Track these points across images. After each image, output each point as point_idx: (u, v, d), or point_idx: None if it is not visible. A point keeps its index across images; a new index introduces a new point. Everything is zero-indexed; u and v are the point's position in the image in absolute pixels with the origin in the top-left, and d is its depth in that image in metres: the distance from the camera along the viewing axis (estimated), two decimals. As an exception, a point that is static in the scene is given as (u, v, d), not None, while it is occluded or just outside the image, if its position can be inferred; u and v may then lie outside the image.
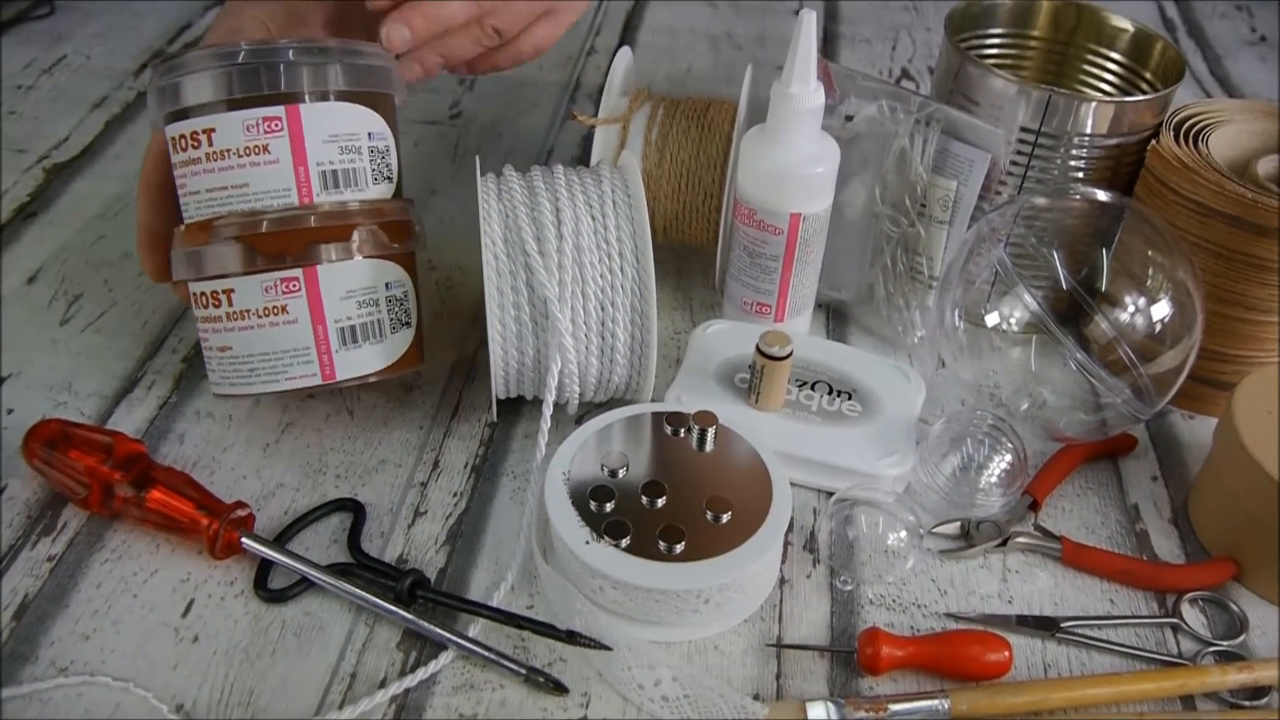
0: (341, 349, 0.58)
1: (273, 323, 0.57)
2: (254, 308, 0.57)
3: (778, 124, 0.64)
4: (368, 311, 0.59)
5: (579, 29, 1.14)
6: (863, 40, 1.15)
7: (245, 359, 0.58)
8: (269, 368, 0.58)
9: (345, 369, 0.59)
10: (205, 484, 0.60)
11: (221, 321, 0.58)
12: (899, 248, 0.70)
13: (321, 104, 0.56)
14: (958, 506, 0.61)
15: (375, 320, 0.59)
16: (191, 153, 0.56)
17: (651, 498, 0.55)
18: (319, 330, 0.58)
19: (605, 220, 0.60)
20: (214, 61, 0.55)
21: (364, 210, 0.58)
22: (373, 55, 0.59)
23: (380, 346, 0.60)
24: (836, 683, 0.54)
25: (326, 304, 0.58)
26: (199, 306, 0.59)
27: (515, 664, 0.52)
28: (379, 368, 0.60)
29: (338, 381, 0.59)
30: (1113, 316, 0.63)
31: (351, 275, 0.58)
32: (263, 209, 0.56)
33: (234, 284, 0.57)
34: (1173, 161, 0.65)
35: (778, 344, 0.61)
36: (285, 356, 0.58)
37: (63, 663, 0.53)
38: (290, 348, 0.58)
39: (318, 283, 0.57)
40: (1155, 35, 0.74)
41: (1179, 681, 0.53)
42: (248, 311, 0.57)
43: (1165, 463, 0.67)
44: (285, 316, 0.57)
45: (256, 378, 0.59)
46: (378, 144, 0.59)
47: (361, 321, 0.59)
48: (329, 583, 0.55)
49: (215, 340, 0.59)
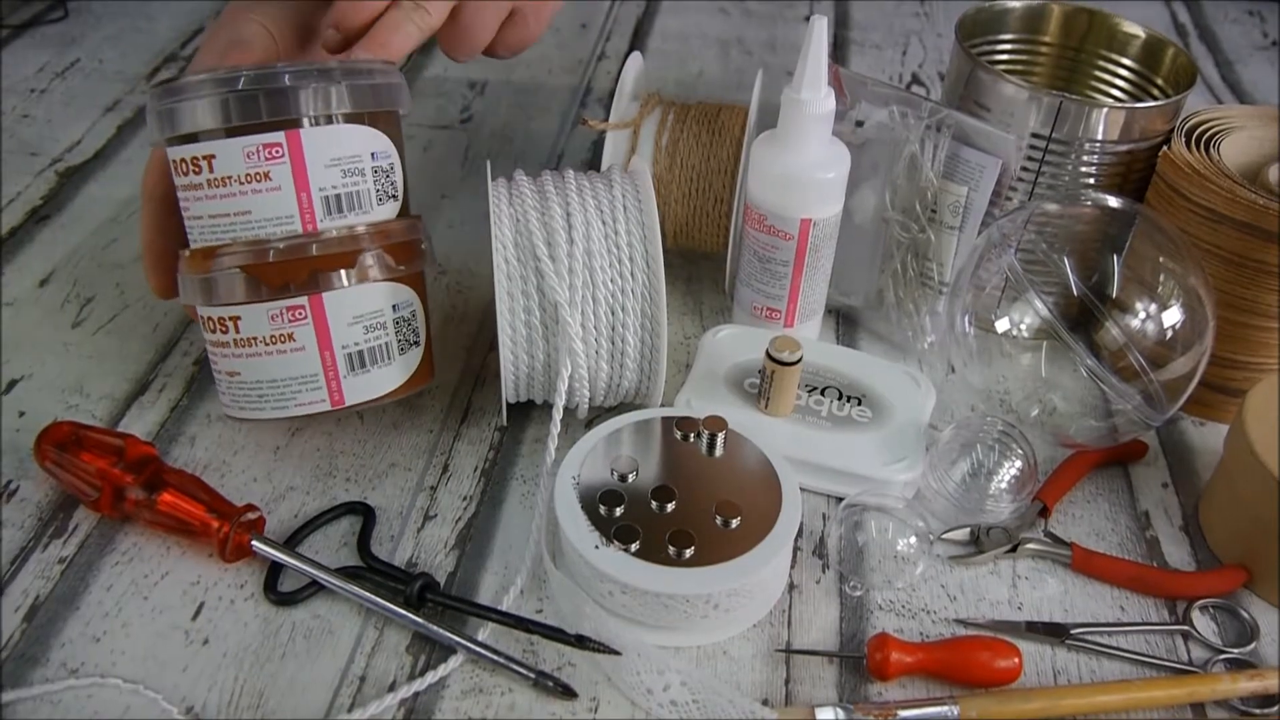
0: (350, 375, 0.59)
1: (280, 350, 0.57)
2: (261, 335, 0.57)
3: (789, 129, 0.64)
4: (375, 335, 0.59)
5: (589, 34, 1.15)
6: (873, 46, 1.15)
7: (254, 385, 0.59)
8: (278, 394, 0.58)
9: (354, 394, 0.59)
10: (216, 487, 0.61)
11: (229, 347, 0.58)
12: (909, 253, 0.70)
13: (323, 128, 0.55)
14: (967, 512, 0.61)
15: (383, 344, 0.59)
16: (193, 178, 0.56)
17: (661, 502, 0.55)
18: (326, 357, 0.58)
19: (616, 225, 0.60)
20: (213, 88, 0.54)
21: (370, 234, 0.57)
22: (376, 73, 0.58)
23: (389, 369, 0.60)
24: (845, 688, 0.53)
25: (334, 331, 0.57)
26: (207, 330, 0.59)
27: (524, 668, 0.52)
28: (387, 390, 0.60)
29: (346, 407, 0.59)
30: (1123, 322, 0.63)
31: (358, 300, 0.58)
32: (266, 237, 0.56)
33: (240, 311, 0.57)
34: (1184, 168, 0.65)
35: (788, 349, 0.61)
36: (294, 383, 0.58)
37: (73, 664, 0.53)
38: (298, 375, 0.58)
39: (324, 310, 0.57)
40: (1167, 41, 0.74)
41: (1189, 689, 0.53)
42: (255, 339, 0.57)
43: (1176, 469, 0.67)
44: (292, 344, 0.57)
45: (266, 403, 0.59)
46: (381, 163, 0.58)
47: (369, 346, 0.59)
48: (339, 586, 0.55)
49: (224, 365, 0.59)
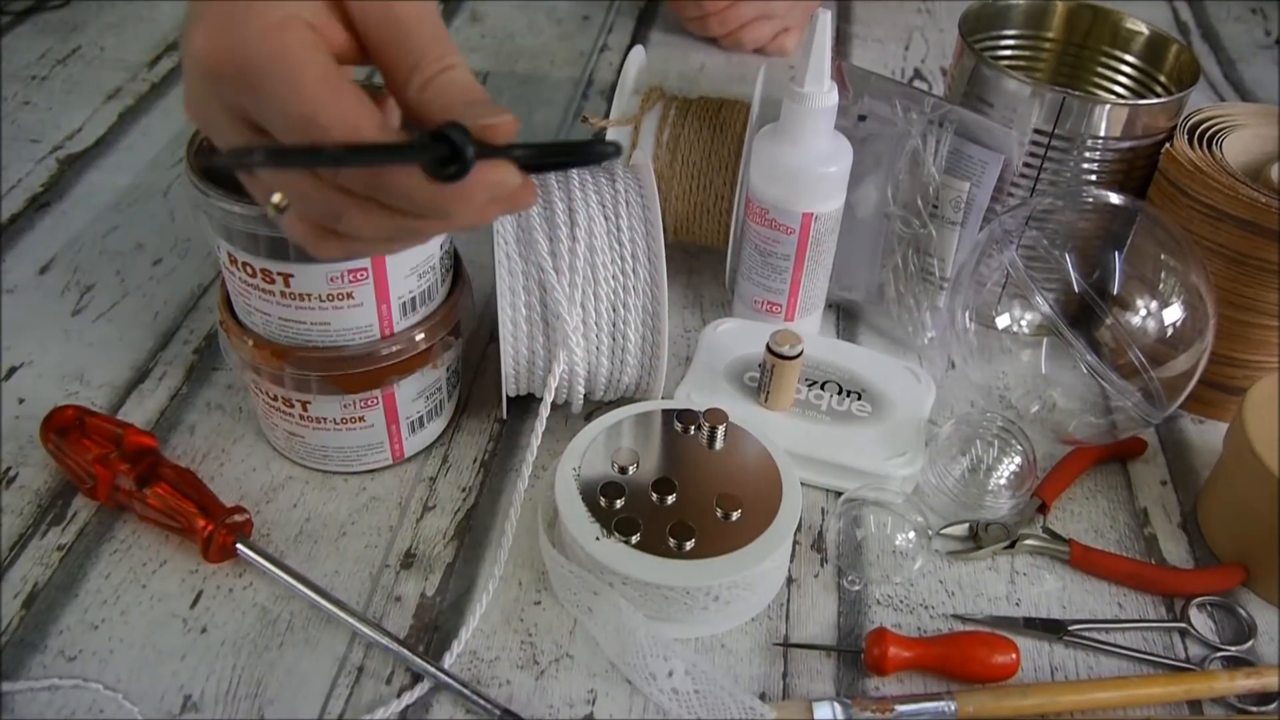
0: (410, 436, 0.62)
1: (350, 429, 0.60)
2: (331, 417, 0.59)
3: (791, 123, 0.64)
4: (434, 399, 0.62)
5: (591, 26, 1.14)
6: (875, 41, 1.15)
7: (319, 448, 0.61)
8: (343, 457, 0.61)
9: (413, 447, 0.63)
10: (214, 476, 0.61)
11: (294, 420, 0.59)
12: (910, 248, 0.70)
13: None
14: (966, 508, 0.61)
15: (439, 403, 0.63)
16: (262, 282, 0.54)
17: (661, 495, 0.55)
18: (393, 430, 0.61)
19: (619, 220, 0.60)
20: None
21: (438, 323, 0.58)
22: None
23: (441, 418, 0.64)
24: (843, 683, 0.54)
25: (401, 410, 0.60)
26: (267, 398, 0.59)
27: (490, 704, 0.51)
28: (440, 433, 0.65)
29: (406, 459, 0.63)
30: (1124, 320, 0.63)
31: (424, 381, 0.60)
32: (344, 345, 0.56)
33: (310, 398, 0.58)
34: (1186, 165, 0.65)
35: (788, 343, 0.61)
36: (359, 450, 0.61)
37: (71, 652, 0.53)
38: (365, 444, 0.61)
39: (394, 399, 0.60)
40: (1170, 38, 0.73)
41: (1186, 686, 0.53)
42: (324, 419, 0.59)
43: (1175, 467, 0.67)
44: (362, 425, 0.60)
45: (329, 462, 0.62)
46: (444, 246, 0.58)
47: (428, 409, 0.62)
48: (323, 605, 0.55)
49: (285, 426, 0.60)
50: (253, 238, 0.52)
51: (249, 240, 0.52)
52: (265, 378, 0.57)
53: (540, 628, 0.55)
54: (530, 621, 0.55)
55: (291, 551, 0.58)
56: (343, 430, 0.60)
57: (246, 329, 0.57)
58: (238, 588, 0.56)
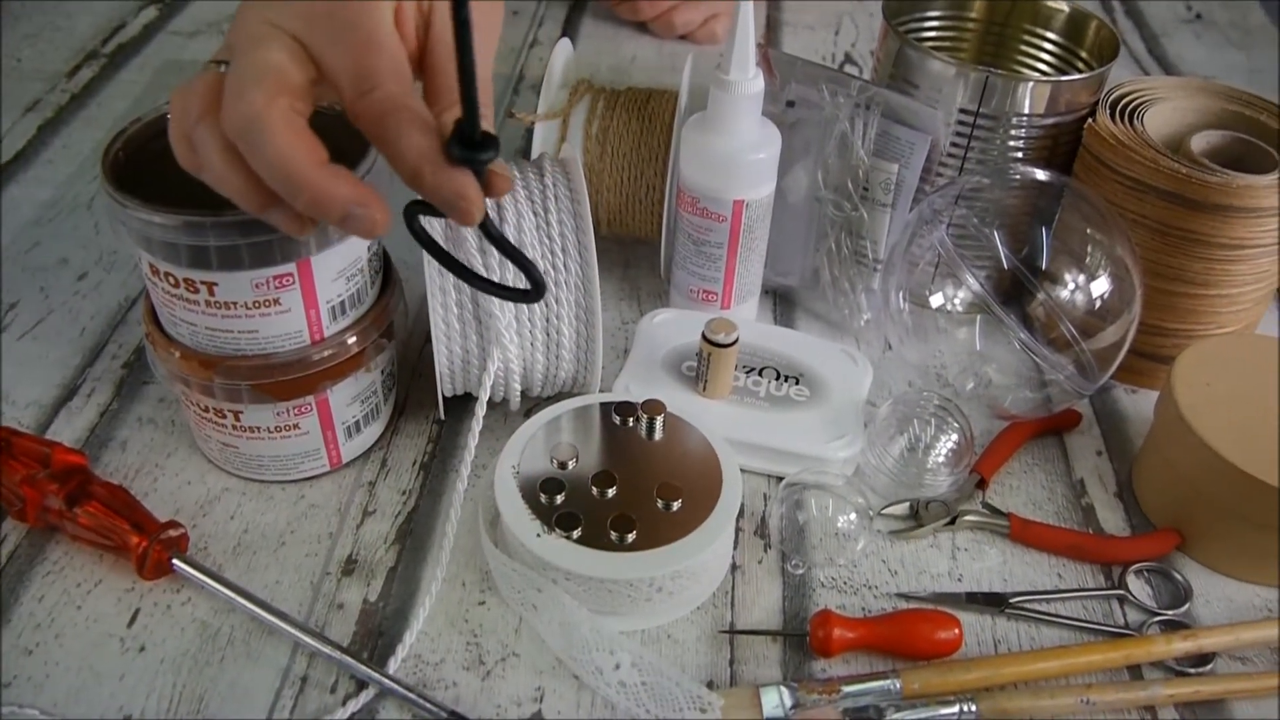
0: (347, 441, 0.62)
1: (284, 437, 0.59)
2: (265, 426, 0.58)
3: (718, 111, 0.64)
4: (370, 403, 0.62)
5: (521, 20, 1.14)
6: (806, 27, 1.16)
7: (254, 457, 0.60)
8: (279, 465, 0.61)
9: (350, 452, 0.63)
10: (148, 491, 0.59)
11: (227, 431, 0.59)
12: (843, 232, 0.71)
13: (330, 248, 0.53)
14: (906, 487, 0.62)
15: (375, 406, 0.62)
16: (185, 292, 0.53)
17: (602, 488, 0.55)
18: (328, 435, 0.60)
19: (547, 215, 0.60)
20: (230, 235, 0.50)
21: (369, 325, 0.58)
22: None
23: (378, 421, 0.64)
24: (789, 666, 0.54)
25: (336, 415, 0.60)
26: (199, 410, 0.59)
27: (436, 707, 0.51)
28: (377, 437, 0.64)
29: (344, 464, 0.63)
30: (1054, 294, 0.64)
31: (358, 385, 0.60)
32: (273, 351, 0.55)
33: (242, 407, 0.57)
34: (1109, 139, 0.66)
35: (723, 331, 0.61)
36: (296, 458, 0.61)
37: (5, 679, 0.51)
38: (301, 451, 0.60)
39: (329, 404, 0.59)
40: (1090, 15, 0.74)
41: (1125, 652, 0.54)
42: (258, 428, 0.58)
43: (1109, 437, 0.68)
44: (297, 432, 0.59)
45: (266, 471, 0.61)
46: (373, 249, 0.58)
47: (364, 413, 0.62)
48: (264, 617, 0.54)
49: (218, 437, 0.59)
50: (173, 247, 0.51)
51: (169, 250, 0.51)
52: (195, 389, 0.56)
53: (485, 628, 0.55)
54: (475, 622, 0.55)
55: (230, 564, 0.57)
56: (277, 439, 0.59)
57: (173, 340, 0.56)
58: (175, 604, 0.55)
